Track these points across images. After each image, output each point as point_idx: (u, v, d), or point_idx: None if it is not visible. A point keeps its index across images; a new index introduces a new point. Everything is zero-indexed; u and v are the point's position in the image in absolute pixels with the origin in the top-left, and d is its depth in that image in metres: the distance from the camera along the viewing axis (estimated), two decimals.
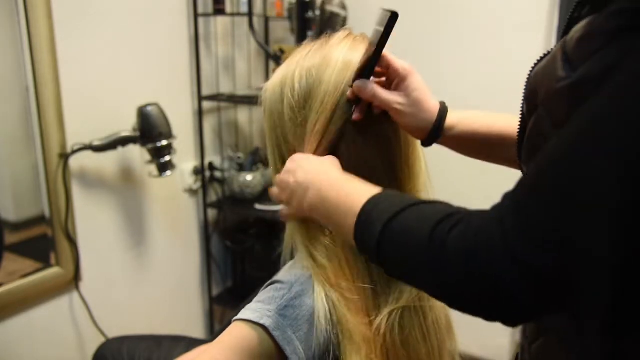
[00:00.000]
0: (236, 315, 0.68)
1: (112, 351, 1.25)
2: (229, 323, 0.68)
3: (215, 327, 2.17)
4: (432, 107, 0.72)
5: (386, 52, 0.69)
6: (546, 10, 1.76)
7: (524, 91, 0.58)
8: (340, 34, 0.74)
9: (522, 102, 0.59)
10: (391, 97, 0.69)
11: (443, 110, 0.73)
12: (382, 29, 0.64)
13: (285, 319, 0.65)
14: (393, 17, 0.62)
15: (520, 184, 0.46)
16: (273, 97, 0.73)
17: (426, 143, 0.75)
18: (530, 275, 0.43)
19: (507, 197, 0.46)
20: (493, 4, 1.83)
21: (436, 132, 0.73)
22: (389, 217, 0.53)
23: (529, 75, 0.57)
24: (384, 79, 0.73)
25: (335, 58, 0.70)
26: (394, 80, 0.71)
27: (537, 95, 0.53)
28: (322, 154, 0.70)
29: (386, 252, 0.54)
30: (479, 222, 0.47)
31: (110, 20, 1.60)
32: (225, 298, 2.15)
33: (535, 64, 0.57)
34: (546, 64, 0.53)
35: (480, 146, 0.76)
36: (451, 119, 0.74)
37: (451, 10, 1.91)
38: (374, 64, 0.68)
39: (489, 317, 0.47)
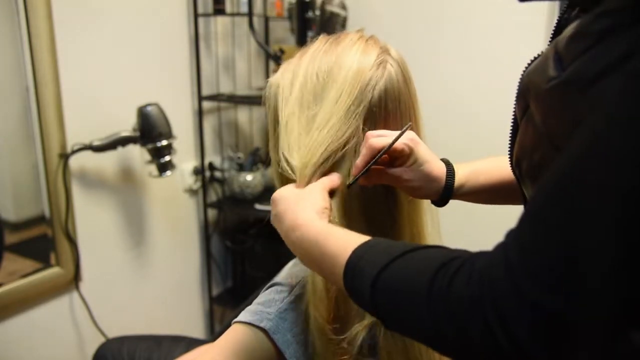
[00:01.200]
0: (236, 316, 0.68)
1: (112, 351, 1.25)
2: (229, 324, 0.68)
3: (215, 327, 2.17)
4: (440, 172, 0.72)
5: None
6: (546, 10, 1.76)
7: (517, 90, 0.58)
8: (353, 36, 0.73)
9: (514, 103, 0.59)
10: (399, 176, 0.69)
11: (450, 172, 0.73)
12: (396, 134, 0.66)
13: (285, 322, 0.65)
14: (408, 127, 0.66)
15: (523, 220, 0.43)
16: (280, 92, 0.72)
17: (439, 204, 0.75)
18: (542, 319, 0.39)
19: (511, 235, 0.44)
20: (493, 4, 1.82)
21: (447, 195, 0.73)
22: (379, 268, 0.50)
23: (522, 76, 0.57)
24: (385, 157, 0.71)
25: (349, 60, 0.69)
26: (397, 158, 0.70)
27: (528, 95, 0.53)
28: (323, 164, 0.68)
29: (381, 305, 0.50)
30: (482, 266, 0.43)
31: (110, 20, 1.60)
32: (225, 298, 2.15)
33: (528, 65, 0.57)
34: (537, 63, 0.53)
35: (495, 196, 0.77)
36: (459, 179, 0.74)
37: (451, 10, 1.91)
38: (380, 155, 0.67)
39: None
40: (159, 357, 1.17)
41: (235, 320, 0.67)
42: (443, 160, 0.75)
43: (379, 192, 0.72)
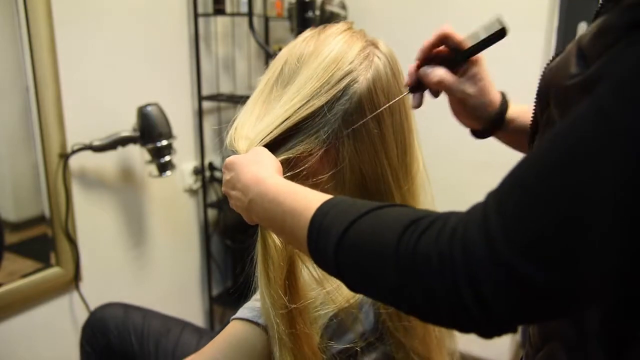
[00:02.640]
0: (235, 314, 0.68)
1: (114, 319, 1.17)
2: (229, 322, 0.69)
3: (215, 327, 2.17)
4: (495, 98, 0.70)
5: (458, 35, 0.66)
6: (546, 11, 1.76)
7: (537, 88, 0.56)
8: (340, 26, 0.72)
9: (535, 99, 0.57)
10: (458, 84, 0.67)
11: (505, 103, 0.71)
12: (485, 36, 0.62)
13: None
14: (502, 32, 0.61)
15: (506, 183, 0.41)
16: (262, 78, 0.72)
17: (480, 134, 0.73)
18: (512, 281, 0.38)
19: (491, 195, 0.41)
20: (493, 4, 1.82)
21: (496, 123, 0.70)
22: (346, 224, 0.47)
23: (543, 72, 0.56)
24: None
25: (328, 48, 0.67)
26: (461, 66, 0.68)
27: (549, 93, 0.52)
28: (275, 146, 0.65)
29: (345, 264, 0.47)
30: (455, 224, 0.41)
31: (110, 20, 1.60)
32: (225, 298, 2.15)
33: (549, 63, 0.56)
34: (560, 60, 0.51)
35: None
36: (512, 112, 0.72)
37: (451, 10, 1.91)
38: (459, 59, 0.65)
39: (464, 328, 0.42)
40: (166, 344, 1.13)
41: (234, 317, 0.67)
42: (501, 93, 0.73)
43: (372, 186, 0.70)
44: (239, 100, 2.00)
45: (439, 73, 0.66)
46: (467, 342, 0.86)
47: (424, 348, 0.74)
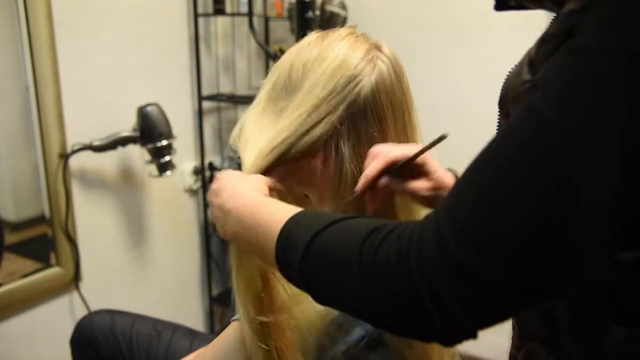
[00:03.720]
0: (235, 315, 0.68)
1: (101, 327, 1.14)
2: (229, 323, 0.69)
3: (215, 327, 2.17)
4: (450, 181, 0.71)
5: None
6: (542, 11, 1.76)
7: (499, 97, 0.58)
8: (342, 31, 0.72)
9: (498, 108, 0.59)
10: (417, 185, 0.68)
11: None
12: (427, 144, 0.65)
13: None
14: (442, 137, 0.63)
15: (454, 190, 0.43)
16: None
17: None
18: (467, 278, 0.39)
19: (443, 201, 0.44)
20: (489, 5, 1.83)
21: None
22: (312, 234, 0.48)
23: (503, 84, 0.57)
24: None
25: (333, 54, 0.68)
26: (415, 168, 0.69)
27: (508, 101, 0.53)
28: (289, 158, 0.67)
29: (311, 274, 0.49)
30: (413, 229, 0.43)
31: (110, 20, 1.60)
32: (225, 298, 2.14)
33: (509, 74, 0.58)
34: (515, 70, 0.53)
35: None
36: None
37: (451, 10, 1.91)
38: (405, 164, 0.66)
39: (425, 333, 0.43)
40: (157, 349, 1.12)
41: (234, 318, 0.67)
42: (448, 169, 0.74)
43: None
44: (239, 100, 2.00)
45: (402, 184, 0.67)
46: (466, 342, 0.86)
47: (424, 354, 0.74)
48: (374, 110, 0.67)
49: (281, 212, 0.54)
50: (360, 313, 0.47)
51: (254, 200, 0.59)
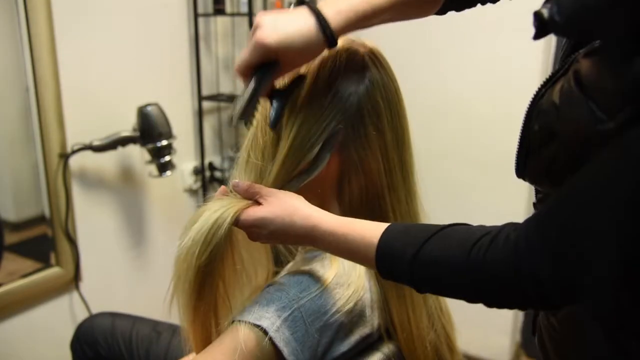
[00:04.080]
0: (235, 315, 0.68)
1: (102, 329, 1.16)
2: (229, 324, 0.69)
3: None
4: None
5: None
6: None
7: (528, 110, 0.60)
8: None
9: (525, 118, 0.60)
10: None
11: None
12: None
13: (284, 321, 0.65)
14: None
15: (546, 208, 0.52)
16: None
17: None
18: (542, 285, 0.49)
19: (532, 220, 0.52)
20: (492, 6, 1.83)
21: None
22: (419, 245, 0.57)
23: (537, 95, 0.59)
24: None
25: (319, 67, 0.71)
26: None
27: (556, 124, 0.55)
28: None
29: (421, 282, 0.58)
30: (511, 240, 0.52)
31: (110, 20, 1.60)
32: None
33: (544, 84, 0.59)
34: (563, 97, 0.54)
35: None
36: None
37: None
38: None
39: (523, 308, 0.56)
40: (157, 350, 1.13)
41: (234, 319, 0.67)
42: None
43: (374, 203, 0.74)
44: None
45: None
46: (467, 342, 0.86)
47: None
48: (369, 108, 0.71)
49: (370, 228, 0.61)
50: (465, 300, 0.57)
51: (333, 227, 0.64)
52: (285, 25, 0.62)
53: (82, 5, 1.52)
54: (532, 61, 1.79)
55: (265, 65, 0.65)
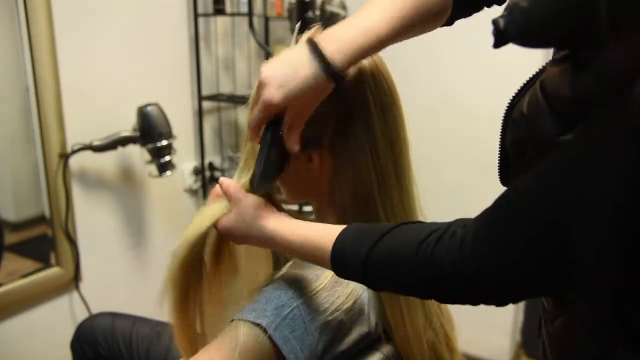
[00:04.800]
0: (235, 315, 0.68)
1: (102, 329, 1.16)
2: (231, 321, 0.69)
3: None
4: None
5: None
6: None
7: (503, 120, 0.61)
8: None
9: (501, 128, 0.61)
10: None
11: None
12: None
13: (283, 319, 0.65)
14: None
15: (493, 206, 0.52)
16: None
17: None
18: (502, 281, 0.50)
19: (481, 218, 0.52)
20: (493, 6, 1.83)
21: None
22: (365, 251, 0.57)
23: (510, 105, 0.60)
24: None
25: None
26: None
27: (526, 135, 0.55)
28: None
29: (375, 281, 0.59)
30: (458, 236, 0.52)
31: (110, 20, 1.60)
32: None
33: (515, 95, 0.60)
34: (530, 107, 0.55)
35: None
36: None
37: None
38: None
39: (474, 304, 0.55)
40: (157, 350, 1.12)
41: (234, 317, 0.67)
42: None
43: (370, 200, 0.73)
44: (239, 100, 2.00)
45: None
46: (467, 342, 0.86)
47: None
48: (358, 103, 0.71)
49: (325, 231, 0.62)
50: (418, 297, 0.62)
51: (290, 233, 0.65)
52: (289, 80, 0.64)
53: (82, 5, 1.52)
54: (532, 62, 1.79)
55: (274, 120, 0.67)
